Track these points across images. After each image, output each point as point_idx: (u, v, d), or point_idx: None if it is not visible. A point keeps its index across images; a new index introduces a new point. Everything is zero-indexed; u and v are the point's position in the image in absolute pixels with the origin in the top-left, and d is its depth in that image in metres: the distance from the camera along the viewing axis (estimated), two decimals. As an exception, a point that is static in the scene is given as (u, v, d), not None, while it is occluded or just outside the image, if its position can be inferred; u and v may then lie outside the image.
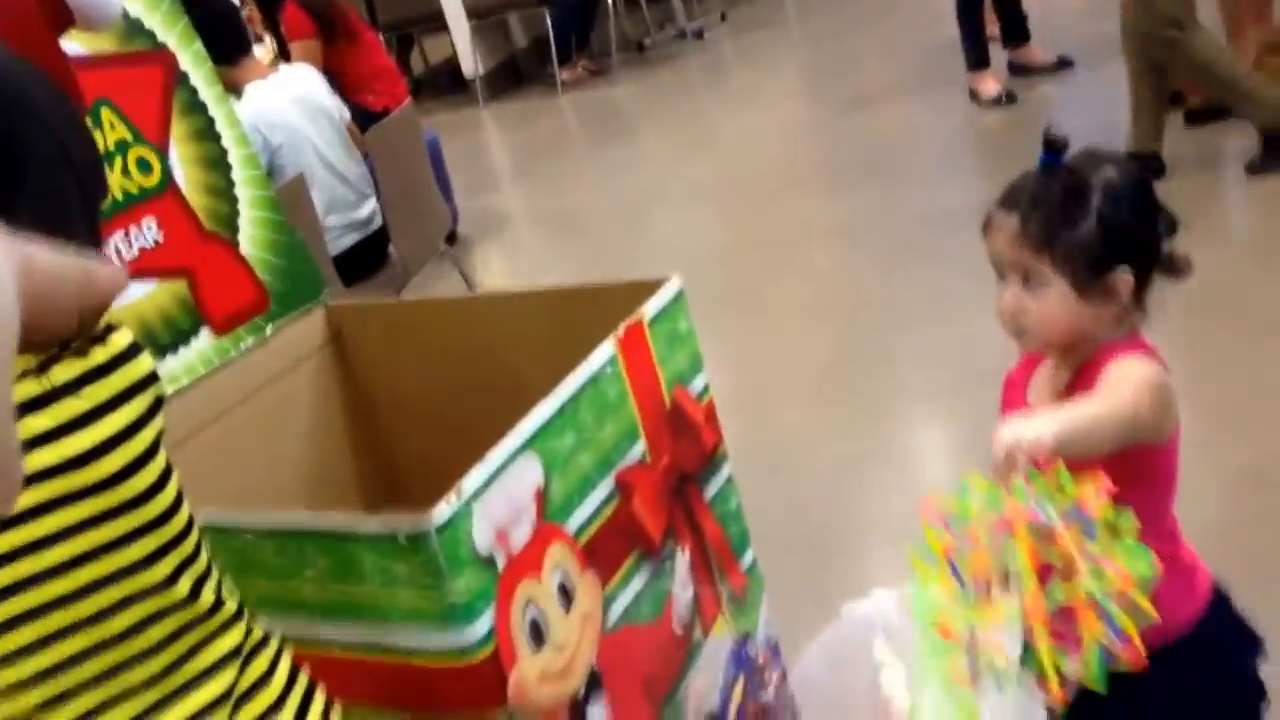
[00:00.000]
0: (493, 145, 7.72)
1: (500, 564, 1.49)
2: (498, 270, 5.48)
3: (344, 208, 4.04)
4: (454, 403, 2.05)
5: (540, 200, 6.28)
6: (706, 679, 1.87)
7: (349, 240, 4.05)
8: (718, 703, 1.89)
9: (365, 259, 4.05)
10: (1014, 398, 1.62)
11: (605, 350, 1.68)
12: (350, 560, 1.46)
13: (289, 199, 3.63)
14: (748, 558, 1.98)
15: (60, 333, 1.08)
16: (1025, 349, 1.57)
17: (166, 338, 1.95)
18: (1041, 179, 1.49)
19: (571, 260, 5.24)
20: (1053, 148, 1.48)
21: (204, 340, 2.00)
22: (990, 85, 5.49)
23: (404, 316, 2.16)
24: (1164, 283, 1.51)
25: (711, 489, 1.89)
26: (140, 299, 1.92)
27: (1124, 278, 1.46)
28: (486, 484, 1.46)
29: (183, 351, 1.97)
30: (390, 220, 4.06)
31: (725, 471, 1.92)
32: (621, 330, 1.71)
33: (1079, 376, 1.51)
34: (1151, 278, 1.50)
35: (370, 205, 4.11)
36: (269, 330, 2.09)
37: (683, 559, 1.82)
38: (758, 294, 4.38)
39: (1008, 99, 5.42)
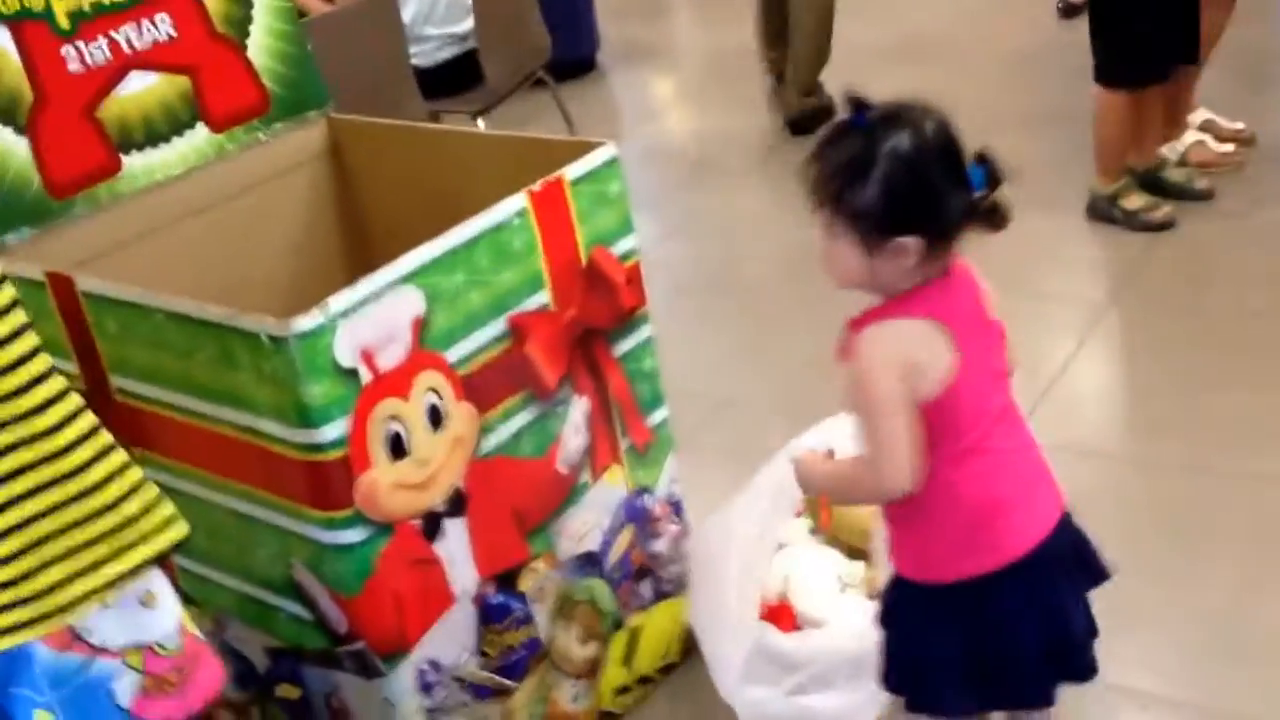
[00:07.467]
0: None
1: (364, 379, 1.64)
2: (624, 103, 5.33)
3: (442, 20, 4.15)
4: (421, 225, 2.19)
5: (714, 32, 5.72)
6: (587, 519, 2.01)
7: (446, 54, 4.17)
8: (599, 542, 2.04)
9: (458, 75, 4.17)
10: None
11: (514, 202, 1.80)
12: (230, 351, 1.64)
13: (373, 7, 3.75)
14: (657, 416, 2.10)
15: None
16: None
17: (164, 126, 2.10)
18: (833, 140, 1.49)
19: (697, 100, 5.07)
20: (858, 107, 1.48)
21: (200, 134, 2.14)
22: None
23: (390, 138, 2.29)
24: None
25: (624, 346, 2.00)
26: (140, 91, 2.05)
27: (909, 242, 1.46)
28: (356, 306, 1.61)
29: (176, 141, 2.11)
30: (480, 37, 4.12)
31: (645, 332, 2.04)
32: (538, 185, 1.82)
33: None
34: (952, 234, 1.48)
35: (470, 21, 4.19)
36: (263, 135, 2.23)
37: (580, 407, 1.95)
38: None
39: None
